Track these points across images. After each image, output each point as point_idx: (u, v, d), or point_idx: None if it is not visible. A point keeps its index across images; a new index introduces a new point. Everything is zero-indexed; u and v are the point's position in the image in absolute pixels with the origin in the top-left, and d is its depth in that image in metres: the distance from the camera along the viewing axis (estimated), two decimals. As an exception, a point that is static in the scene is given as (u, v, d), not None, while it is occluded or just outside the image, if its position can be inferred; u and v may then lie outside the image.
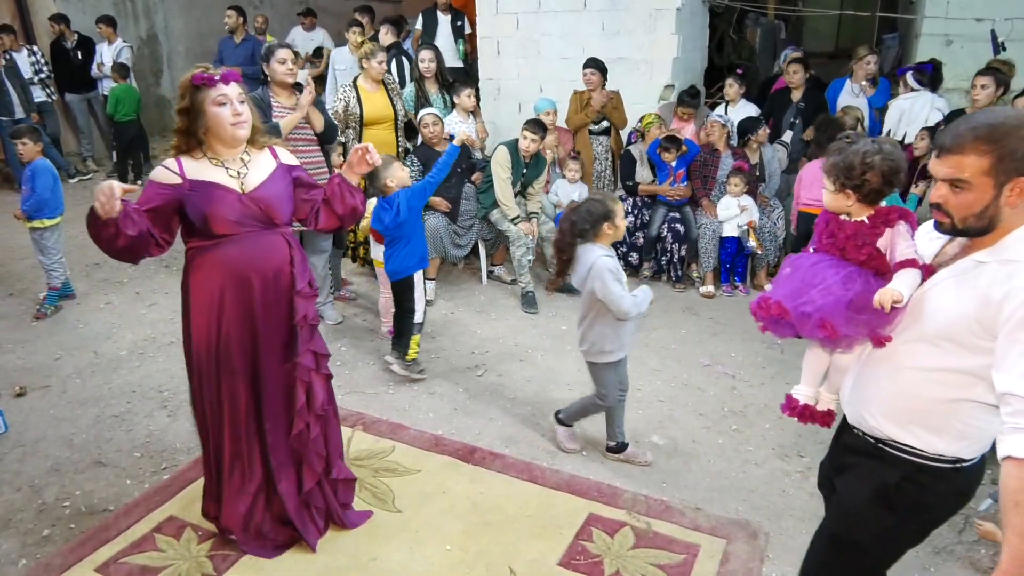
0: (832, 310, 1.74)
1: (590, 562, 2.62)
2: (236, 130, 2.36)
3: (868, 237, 1.80)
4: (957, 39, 5.83)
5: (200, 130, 2.35)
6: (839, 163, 1.84)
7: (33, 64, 7.76)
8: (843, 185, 1.83)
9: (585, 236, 2.94)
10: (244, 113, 2.37)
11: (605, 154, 5.76)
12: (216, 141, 2.39)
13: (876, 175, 1.79)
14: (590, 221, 2.92)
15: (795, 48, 6.59)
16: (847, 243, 1.83)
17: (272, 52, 4.09)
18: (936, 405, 1.63)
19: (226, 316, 2.43)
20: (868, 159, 1.80)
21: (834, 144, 1.93)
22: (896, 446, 1.72)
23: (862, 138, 1.94)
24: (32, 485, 3.12)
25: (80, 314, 4.84)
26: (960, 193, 1.52)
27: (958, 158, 1.50)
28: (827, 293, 1.77)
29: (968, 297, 1.54)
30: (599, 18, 6.14)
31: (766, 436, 3.46)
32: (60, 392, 3.88)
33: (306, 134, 4.23)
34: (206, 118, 2.33)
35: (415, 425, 3.52)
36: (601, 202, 2.96)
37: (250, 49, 7.95)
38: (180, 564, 2.62)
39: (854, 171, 1.81)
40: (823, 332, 1.75)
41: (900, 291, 1.65)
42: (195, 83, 2.32)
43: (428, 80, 5.45)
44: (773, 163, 5.30)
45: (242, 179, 2.42)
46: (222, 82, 2.34)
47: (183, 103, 2.36)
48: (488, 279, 5.44)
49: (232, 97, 2.34)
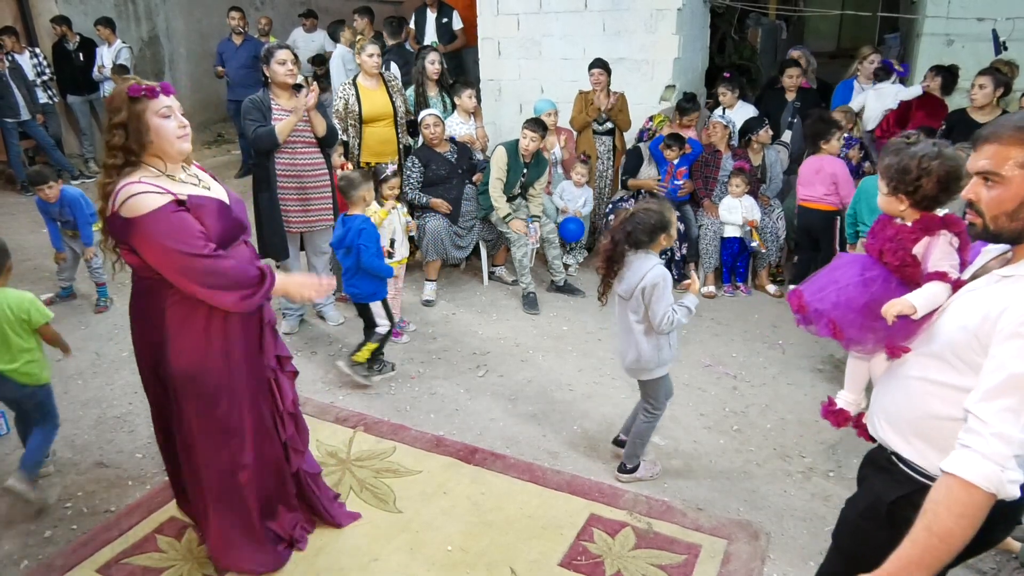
0: (844, 311, 1.69)
1: (591, 563, 2.62)
2: (182, 143, 2.21)
3: (904, 242, 1.73)
4: (959, 39, 5.82)
5: (145, 145, 2.16)
6: (894, 165, 1.75)
7: (35, 66, 7.78)
8: (895, 188, 1.75)
9: (640, 246, 2.84)
10: (187, 125, 2.24)
11: (608, 154, 5.76)
12: (156, 157, 2.21)
13: (932, 181, 1.71)
14: (648, 232, 2.80)
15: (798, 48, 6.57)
16: (886, 245, 1.77)
17: (272, 53, 4.09)
18: (939, 422, 1.56)
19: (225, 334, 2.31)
20: (925, 163, 1.71)
21: (892, 142, 1.84)
22: (903, 460, 1.66)
23: (922, 140, 1.83)
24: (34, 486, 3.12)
25: (82, 315, 4.84)
26: (993, 187, 1.43)
27: (995, 147, 1.42)
28: (842, 293, 1.72)
29: (974, 309, 1.47)
30: (600, 18, 6.14)
31: (767, 436, 3.45)
32: (62, 393, 3.88)
33: (306, 137, 4.23)
34: (151, 132, 2.15)
35: (416, 426, 3.52)
36: (659, 212, 2.84)
37: (252, 51, 7.96)
38: (182, 565, 2.63)
39: (909, 175, 1.72)
40: (829, 332, 1.71)
41: (912, 304, 1.57)
42: (132, 95, 2.12)
43: (429, 82, 5.46)
44: (776, 165, 5.29)
45: (210, 191, 2.30)
46: (163, 93, 2.18)
47: (118, 117, 2.14)
48: (489, 280, 5.44)
49: (175, 109, 2.21)
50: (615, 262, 2.87)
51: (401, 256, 4.47)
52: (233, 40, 8.07)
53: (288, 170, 4.21)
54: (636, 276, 2.84)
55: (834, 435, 3.36)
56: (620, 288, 2.93)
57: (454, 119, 5.38)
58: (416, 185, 4.97)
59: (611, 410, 3.68)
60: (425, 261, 5.06)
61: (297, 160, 4.23)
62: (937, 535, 1.36)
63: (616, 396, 3.82)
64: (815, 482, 3.09)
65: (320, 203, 4.33)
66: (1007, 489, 1.33)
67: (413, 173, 4.96)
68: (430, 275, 5.08)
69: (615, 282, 2.92)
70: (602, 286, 2.97)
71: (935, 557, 1.36)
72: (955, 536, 1.35)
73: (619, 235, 2.84)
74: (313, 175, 4.29)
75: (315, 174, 4.30)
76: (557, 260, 5.17)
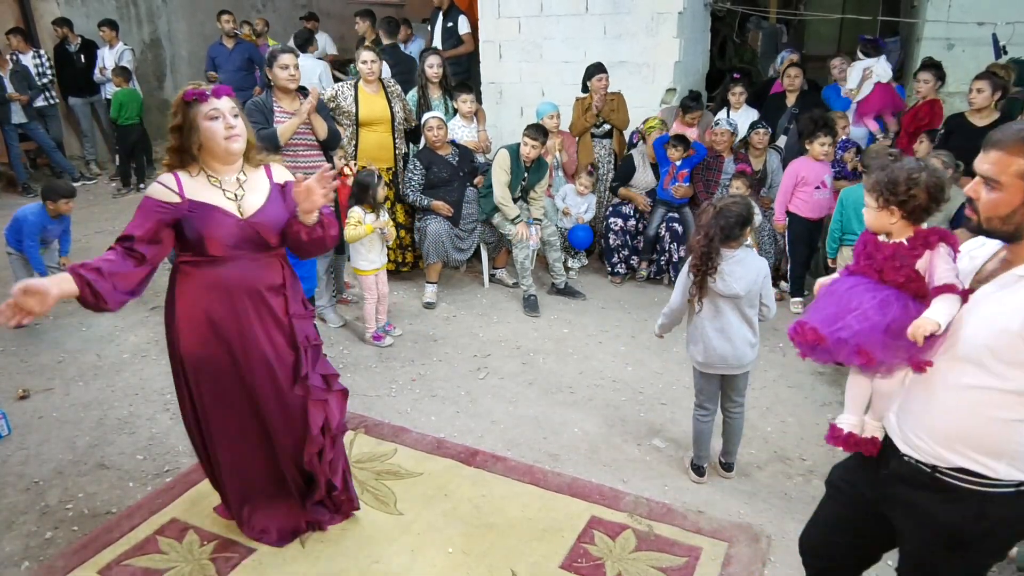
0: (868, 336, 1.69)
1: (592, 565, 2.62)
2: (230, 144, 2.32)
3: (907, 259, 1.74)
4: (959, 43, 5.83)
5: (194, 146, 2.32)
6: (883, 179, 1.77)
7: (37, 67, 7.79)
8: (887, 202, 1.77)
9: (732, 239, 2.83)
10: (237, 127, 2.33)
11: (608, 157, 5.77)
12: (210, 157, 2.36)
13: (922, 192, 1.74)
14: (739, 224, 2.82)
15: (793, 51, 6.58)
16: (885, 264, 1.78)
17: (275, 57, 4.10)
18: (991, 425, 1.57)
19: (215, 332, 2.39)
20: (914, 175, 1.74)
21: (877, 160, 1.88)
22: (954, 474, 1.64)
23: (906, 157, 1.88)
24: (35, 487, 3.13)
25: (83, 317, 4.85)
26: (992, 191, 1.51)
27: (998, 154, 1.49)
28: (864, 319, 1.72)
29: (1011, 312, 1.49)
30: (601, 21, 6.14)
31: (768, 439, 3.46)
32: (63, 395, 3.89)
33: (308, 140, 4.24)
34: (199, 133, 2.30)
35: (417, 428, 3.52)
36: (744, 204, 2.86)
37: (244, 54, 7.95)
38: (182, 566, 2.63)
39: (899, 187, 1.75)
40: (860, 359, 1.70)
41: (937, 320, 1.60)
42: (186, 99, 2.29)
43: (432, 85, 5.47)
44: (779, 172, 5.30)
45: (239, 202, 2.39)
46: (214, 96, 2.31)
47: (175, 120, 2.32)
48: (490, 282, 5.45)
49: (224, 111, 2.31)
50: (711, 259, 2.84)
51: (380, 263, 4.43)
52: (225, 43, 8.04)
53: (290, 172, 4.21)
54: (752, 272, 2.86)
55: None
56: (732, 288, 2.86)
57: (456, 122, 5.39)
58: (418, 187, 4.98)
59: (612, 413, 3.69)
60: (426, 263, 5.07)
61: (299, 163, 4.24)
62: None
63: (617, 399, 3.82)
64: (816, 485, 3.09)
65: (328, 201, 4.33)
66: None
67: (415, 175, 4.97)
68: (431, 277, 5.08)
69: (712, 282, 2.86)
70: (697, 288, 2.89)
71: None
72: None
73: (713, 231, 2.82)
74: (315, 178, 4.30)
75: (317, 177, 4.30)
76: (558, 263, 5.17)
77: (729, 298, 2.88)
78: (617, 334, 4.59)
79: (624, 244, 5.39)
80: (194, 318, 2.39)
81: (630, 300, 5.15)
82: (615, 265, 5.45)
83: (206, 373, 2.45)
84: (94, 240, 6.30)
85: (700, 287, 2.87)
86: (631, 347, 4.41)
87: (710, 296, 2.90)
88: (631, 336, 4.55)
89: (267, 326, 2.44)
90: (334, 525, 2.82)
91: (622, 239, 5.37)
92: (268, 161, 2.55)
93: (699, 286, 2.87)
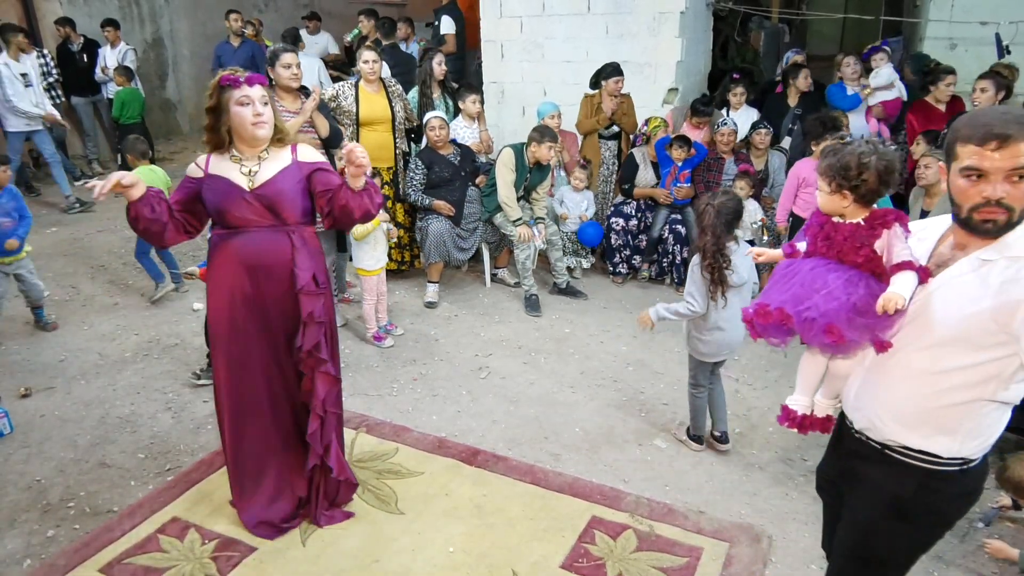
0: (837, 315, 1.72)
1: (592, 565, 2.62)
2: (256, 130, 2.48)
3: (866, 239, 1.79)
4: (961, 42, 5.82)
5: (223, 127, 2.49)
6: (835, 164, 1.82)
7: (42, 67, 7.79)
8: (840, 186, 1.81)
9: (731, 233, 3.00)
10: (265, 114, 2.48)
11: (613, 159, 5.77)
12: (239, 140, 2.53)
13: (873, 175, 1.78)
14: (736, 217, 2.99)
15: (798, 51, 6.56)
16: (844, 245, 1.81)
17: (277, 56, 4.10)
18: (952, 408, 1.62)
19: (236, 302, 2.56)
20: (864, 159, 1.79)
21: (828, 146, 1.92)
22: (905, 452, 1.70)
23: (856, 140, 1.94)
24: (37, 486, 3.13)
25: (85, 316, 4.85)
26: (1019, 183, 1.48)
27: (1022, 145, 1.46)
28: (831, 298, 1.75)
29: (979, 296, 1.53)
30: (603, 21, 6.14)
31: (769, 439, 3.46)
32: (65, 393, 3.89)
33: (310, 138, 4.23)
34: (228, 116, 2.47)
35: (418, 427, 3.52)
36: (734, 197, 3.03)
37: (249, 52, 7.96)
38: (184, 565, 2.63)
39: (850, 171, 1.79)
40: (830, 338, 1.72)
41: (903, 295, 1.63)
42: (222, 84, 2.46)
43: (434, 83, 5.47)
44: (781, 172, 5.30)
45: (252, 176, 2.53)
46: (247, 84, 2.46)
47: (211, 102, 2.50)
48: (491, 282, 5.45)
49: (255, 98, 2.46)
50: (723, 255, 2.98)
51: (380, 264, 4.41)
52: (231, 42, 8.07)
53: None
54: (748, 259, 2.95)
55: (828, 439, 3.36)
56: (742, 277, 3.03)
57: (458, 123, 5.39)
58: (419, 187, 4.98)
59: (613, 413, 3.69)
60: (427, 263, 5.07)
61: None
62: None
63: (618, 399, 3.82)
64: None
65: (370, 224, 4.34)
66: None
67: (416, 175, 4.97)
68: (432, 277, 5.09)
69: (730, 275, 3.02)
70: (716, 285, 3.02)
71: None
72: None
73: (720, 229, 2.96)
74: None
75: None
76: (560, 262, 5.17)
77: (738, 287, 3.05)
78: (619, 334, 4.59)
79: (626, 244, 5.38)
80: (220, 285, 2.58)
81: (632, 300, 5.14)
82: (617, 265, 5.45)
83: (225, 339, 2.61)
84: (96, 239, 6.31)
85: (721, 283, 3.01)
86: (632, 347, 4.41)
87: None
88: (632, 336, 4.55)
89: (278, 299, 2.57)
90: (332, 525, 2.83)
91: (624, 239, 5.37)
92: (297, 140, 2.70)
93: (718, 283, 3.02)
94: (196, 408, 3.70)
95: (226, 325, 2.60)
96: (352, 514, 2.89)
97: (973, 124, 1.53)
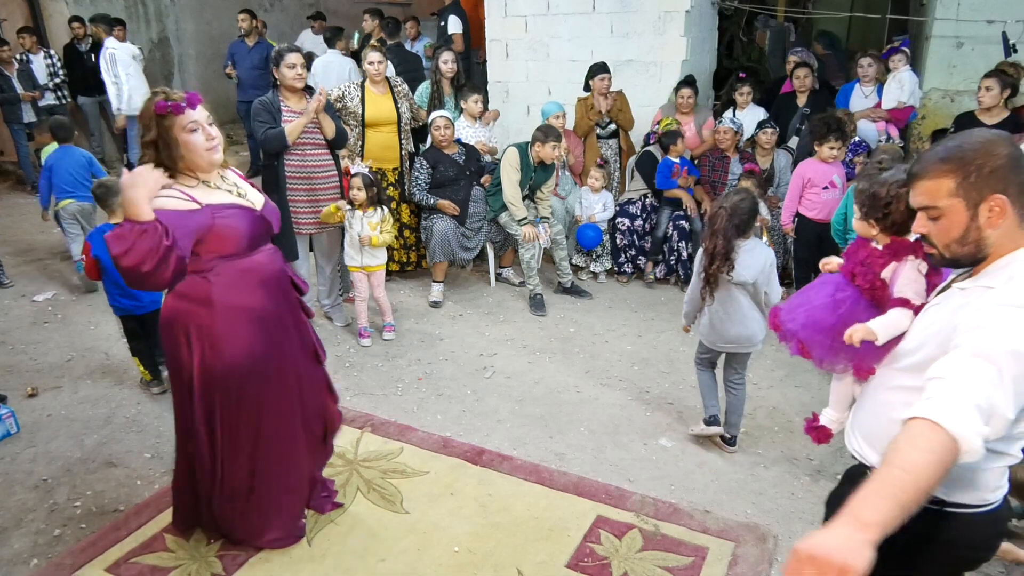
0: (812, 331, 1.75)
1: (598, 564, 2.62)
2: (212, 155, 2.25)
3: (874, 266, 1.78)
4: (968, 41, 5.79)
5: (177, 161, 2.20)
6: (866, 191, 1.80)
7: (48, 67, 7.83)
8: (867, 214, 1.80)
9: (745, 232, 2.97)
10: (217, 136, 2.27)
11: (615, 157, 5.76)
12: (193, 168, 2.27)
13: (901, 207, 1.74)
14: (751, 217, 2.96)
15: (802, 50, 6.54)
16: (857, 268, 1.82)
17: (282, 56, 4.11)
18: None
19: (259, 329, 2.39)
20: (894, 191, 1.75)
21: (866, 168, 1.92)
22: None
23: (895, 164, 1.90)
24: (44, 485, 3.14)
25: (91, 315, 4.87)
26: (936, 220, 1.47)
27: (925, 183, 1.47)
28: (811, 314, 1.78)
29: (941, 324, 1.49)
30: (608, 20, 6.13)
31: (775, 439, 3.45)
32: (72, 393, 3.91)
33: (316, 139, 4.24)
34: (179, 147, 2.19)
35: (423, 427, 3.53)
36: (750, 197, 3.00)
37: (264, 52, 7.99)
38: (190, 564, 2.64)
39: (880, 201, 1.77)
40: (801, 352, 1.77)
41: (873, 330, 1.62)
42: (159, 112, 2.16)
43: (444, 81, 5.47)
44: (787, 172, 5.27)
45: (245, 198, 2.40)
46: (189, 107, 2.19)
47: (150, 136, 2.19)
48: (496, 281, 5.45)
49: (202, 121, 2.22)
50: (729, 252, 2.96)
51: (363, 263, 4.36)
52: (246, 41, 8.11)
53: (298, 172, 4.23)
54: (760, 261, 3.00)
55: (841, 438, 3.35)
56: (742, 276, 3.00)
57: (461, 123, 5.39)
58: (424, 186, 4.98)
59: (618, 412, 3.68)
60: (432, 263, 5.07)
61: (307, 162, 4.25)
62: (897, 465, 1.22)
63: (623, 398, 3.82)
64: (823, 485, 3.07)
65: (331, 200, 4.34)
66: (971, 438, 1.23)
67: (421, 174, 4.97)
68: (437, 276, 5.09)
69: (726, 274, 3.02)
70: (710, 284, 3.02)
71: (894, 487, 1.20)
72: (920, 468, 1.21)
73: (730, 231, 2.94)
74: (323, 176, 4.31)
75: (325, 176, 4.32)
76: (564, 262, 5.17)
77: (740, 285, 3.03)
78: (623, 333, 4.58)
79: (631, 244, 5.37)
80: (236, 319, 2.33)
81: (637, 299, 5.14)
82: (622, 265, 5.44)
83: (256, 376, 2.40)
84: (102, 239, 6.33)
85: (711, 283, 3.01)
86: (637, 346, 4.40)
87: (723, 284, 3.03)
88: (637, 335, 4.54)
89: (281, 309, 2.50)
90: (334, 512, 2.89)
91: (629, 239, 5.36)
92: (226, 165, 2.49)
93: (709, 283, 3.01)
94: (202, 407, 3.70)
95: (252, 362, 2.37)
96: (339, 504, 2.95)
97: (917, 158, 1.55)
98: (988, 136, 1.44)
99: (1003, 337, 1.30)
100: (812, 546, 1.14)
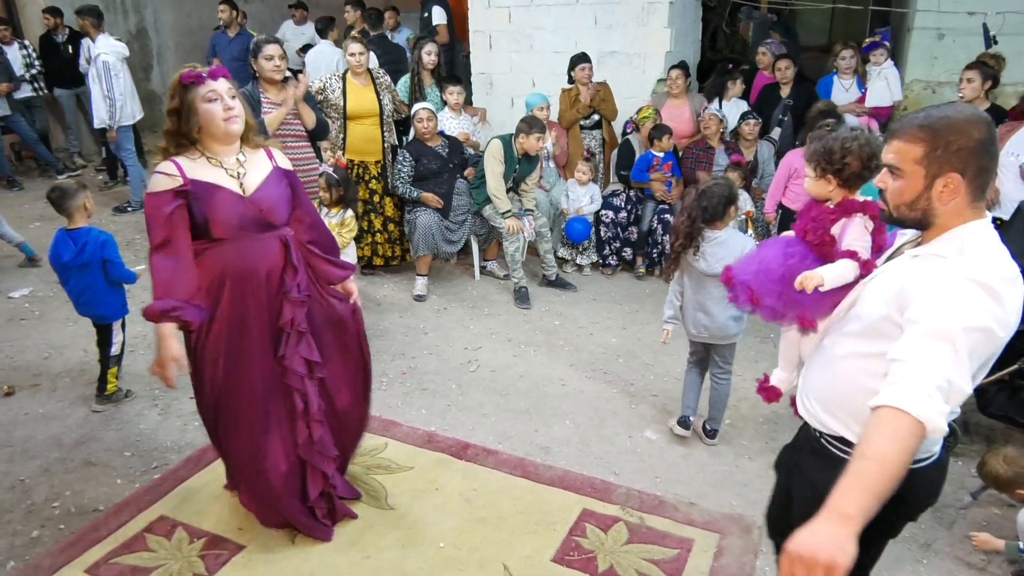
0: (762, 280, 1.83)
1: (584, 558, 2.62)
2: (229, 125, 2.33)
3: (824, 222, 1.88)
4: (949, 33, 5.82)
5: (193, 129, 2.32)
6: (819, 149, 1.90)
7: (24, 58, 7.68)
8: (824, 170, 1.90)
9: (715, 219, 2.96)
10: (236, 108, 2.34)
11: (599, 148, 5.75)
12: (210, 139, 2.37)
13: (855, 159, 1.86)
14: (722, 204, 2.94)
15: (772, 42, 6.51)
16: (808, 224, 1.92)
17: (260, 48, 4.05)
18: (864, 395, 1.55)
19: (221, 315, 2.39)
20: (847, 144, 1.87)
21: (814, 132, 2.06)
22: (832, 442, 1.69)
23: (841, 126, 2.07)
24: (21, 485, 3.09)
25: (69, 312, 4.78)
26: (895, 180, 1.54)
27: (898, 143, 1.52)
28: (762, 264, 1.87)
29: (890, 287, 1.55)
30: (591, 11, 6.11)
31: (759, 430, 3.46)
32: (50, 391, 3.85)
33: (296, 130, 4.19)
34: (198, 116, 2.31)
35: (407, 422, 3.50)
36: (727, 185, 3.00)
37: (245, 43, 7.87)
38: (171, 564, 2.61)
39: (834, 156, 1.87)
40: (747, 300, 1.85)
41: (822, 276, 1.71)
42: (183, 82, 2.29)
43: (425, 72, 5.43)
44: (770, 163, 5.29)
45: (241, 179, 2.40)
46: (210, 78, 2.31)
47: (173, 103, 2.32)
48: (480, 275, 5.42)
49: (222, 92, 2.31)
50: (693, 238, 2.96)
51: None
52: (227, 33, 7.99)
53: None
54: (736, 251, 2.93)
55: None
56: (714, 268, 2.96)
57: (445, 114, 5.35)
58: (407, 179, 4.94)
59: (603, 405, 3.68)
60: (416, 256, 5.04)
61: (288, 154, 4.15)
62: (869, 456, 1.30)
63: (608, 391, 3.81)
64: (807, 476, 3.10)
65: (311, 197, 4.29)
66: (935, 419, 1.31)
67: (404, 167, 4.93)
68: (421, 270, 5.06)
69: (695, 260, 3.02)
70: (672, 264, 3.07)
71: (870, 478, 1.27)
72: (888, 458, 1.29)
73: (695, 212, 2.94)
74: (304, 169, 4.25)
75: (306, 168, 4.26)
76: (549, 254, 5.15)
77: (712, 276, 2.98)
78: (608, 326, 4.58)
79: (615, 236, 5.37)
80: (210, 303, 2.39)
81: (621, 292, 5.14)
82: (606, 257, 5.44)
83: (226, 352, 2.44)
84: (80, 234, 6.22)
85: (675, 262, 3.06)
86: (622, 339, 4.40)
87: (695, 274, 3.04)
88: (622, 328, 4.54)
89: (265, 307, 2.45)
90: None
91: (613, 231, 5.35)
92: (267, 145, 2.58)
93: (674, 261, 3.04)
94: (183, 405, 3.65)
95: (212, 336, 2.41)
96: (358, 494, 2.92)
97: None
98: (970, 116, 1.49)
99: (956, 314, 1.37)
100: (799, 545, 1.21)
